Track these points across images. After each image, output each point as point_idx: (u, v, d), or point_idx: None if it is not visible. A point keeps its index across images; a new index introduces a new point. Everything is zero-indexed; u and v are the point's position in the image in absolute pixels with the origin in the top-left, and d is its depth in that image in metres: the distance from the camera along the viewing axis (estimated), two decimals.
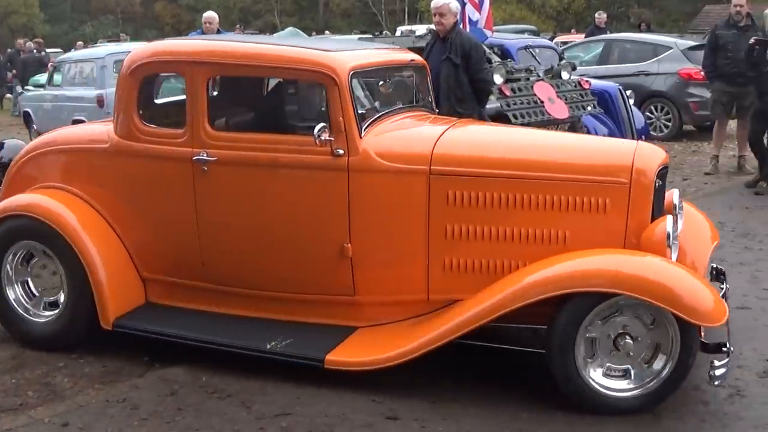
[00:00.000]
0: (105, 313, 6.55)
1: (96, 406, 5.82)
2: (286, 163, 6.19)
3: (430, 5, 9.86)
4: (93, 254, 6.56)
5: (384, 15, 62.74)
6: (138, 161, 6.61)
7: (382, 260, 6.21)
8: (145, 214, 6.71)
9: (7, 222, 6.85)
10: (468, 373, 6.10)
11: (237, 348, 6.20)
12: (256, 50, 6.60)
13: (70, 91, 18.27)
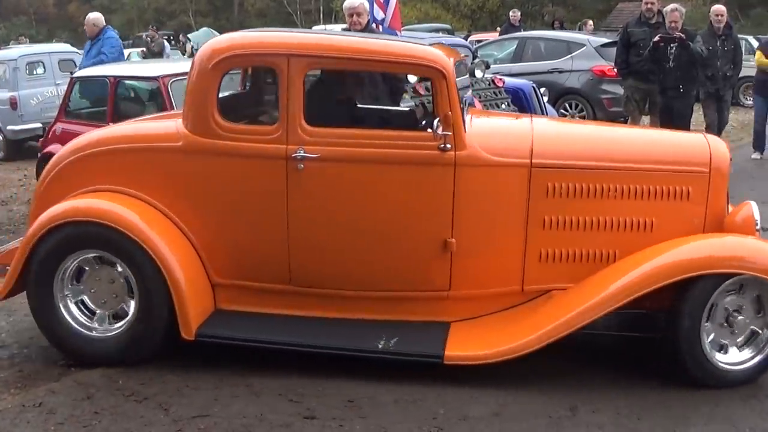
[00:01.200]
0: (187, 323, 6.18)
1: (12, 411, 5.77)
2: (390, 159, 6.09)
3: (343, 5, 9.84)
4: (172, 262, 6.17)
5: (299, 14, 62.60)
6: (218, 160, 6.29)
7: (482, 253, 6.24)
8: (224, 216, 6.39)
9: (65, 229, 6.29)
10: (382, 371, 6.11)
11: (346, 351, 6.10)
12: (361, 44, 6.50)
13: None
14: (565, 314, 5.90)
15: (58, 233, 6.26)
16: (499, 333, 6.08)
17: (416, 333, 6.19)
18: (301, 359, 6.21)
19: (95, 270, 6.41)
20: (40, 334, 7.03)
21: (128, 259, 6.23)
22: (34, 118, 16.89)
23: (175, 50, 31.77)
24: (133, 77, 11.48)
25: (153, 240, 6.16)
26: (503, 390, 5.87)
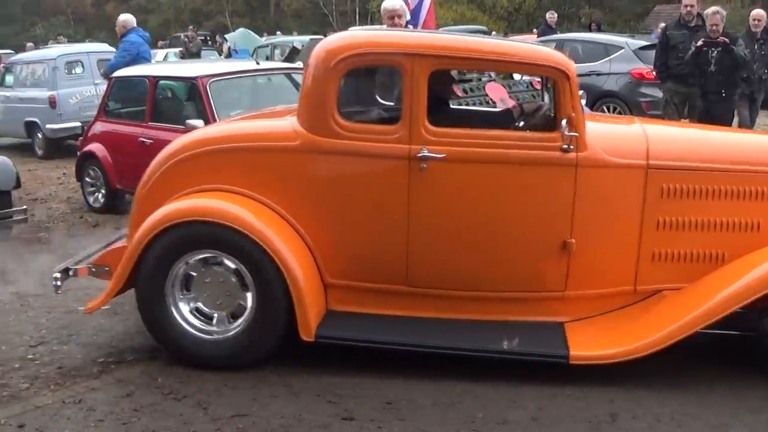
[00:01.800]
0: (307, 324, 6.08)
1: (52, 407, 5.80)
2: (514, 160, 6.06)
3: (382, 7, 9.82)
4: (292, 263, 6.09)
5: (335, 16, 62.71)
6: (337, 159, 6.22)
7: (598, 254, 6.25)
8: (341, 216, 6.30)
9: (180, 229, 6.21)
10: (421, 373, 6.12)
11: (469, 351, 6.06)
12: (487, 44, 6.50)
13: (22, 92, 18.19)
14: (685, 315, 5.92)
15: (173, 233, 6.21)
16: (616, 333, 6.10)
17: (533, 333, 6.18)
18: (340, 360, 6.24)
19: (202, 273, 6.34)
20: (79, 331, 7.16)
21: (246, 259, 6.15)
22: (73, 117, 16.98)
23: (211, 50, 31.89)
24: (172, 77, 11.54)
25: (272, 240, 6.09)
26: (542, 394, 5.84)
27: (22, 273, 8.99)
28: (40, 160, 17.33)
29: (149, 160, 10.66)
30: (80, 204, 12.60)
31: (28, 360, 6.67)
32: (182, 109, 11.06)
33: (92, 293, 7.90)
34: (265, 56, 23.48)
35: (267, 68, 11.76)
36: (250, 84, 11.22)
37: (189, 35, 30.03)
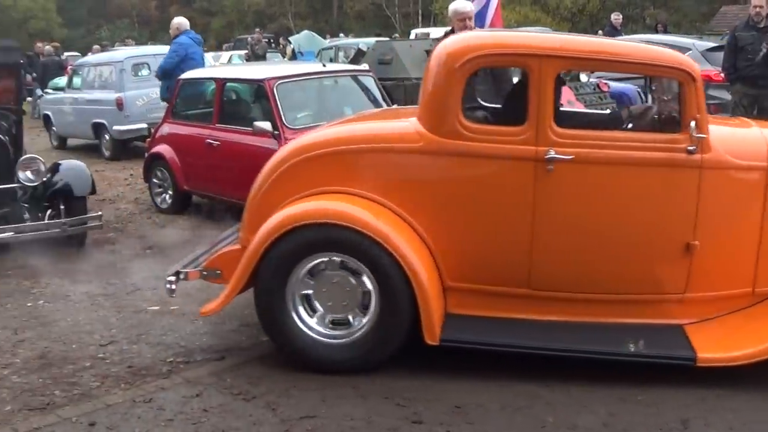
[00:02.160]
0: (432, 327, 6.01)
1: (123, 406, 5.85)
2: (641, 162, 6.05)
3: (452, 9, 9.79)
4: (417, 266, 6.03)
5: (398, 18, 62.72)
6: (461, 161, 6.16)
7: (720, 256, 6.22)
8: (464, 218, 6.23)
9: (302, 231, 6.16)
10: (489, 377, 6.10)
11: (592, 353, 6.02)
12: (614, 46, 6.52)
13: (89, 94, 18.39)
14: None
15: (295, 236, 6.17)
16: (739, 335, 6.07)
17: (656, 335, 6.14)
18: (407, 362, 6.22)
19: (323, 276, 6.31)
20: (148, 331, 7.23)
21: (371, 262, 6.11)
22: (140, 118, 17.09)
23: (275, 53, 32.01)
24: (240, 79, 11.61)
25: (398, 243, 6.05)
26: (613, 399, 5.79)
27: (92, 272, 9.10)
28: (107, 161, 17.51)
29: (216, 161, 10.85)
30: (148, 205, 12.72)
31: (99, 359, 6.74)
32: (249, 111, 11.14)
33: (156, 297, 8.03)
34: (329, 58, 23.50)
35: (333, 70, 11.80)
36: (316, 86, 11.24)
37: (255, 38, 30.17)
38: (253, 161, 10.16)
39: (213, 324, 7.36)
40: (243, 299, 7.65)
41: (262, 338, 6.92)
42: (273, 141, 9.97)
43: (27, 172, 9.87)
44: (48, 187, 10.10)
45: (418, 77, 12.34)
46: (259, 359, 6.54)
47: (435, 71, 6.26)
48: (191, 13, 76.07)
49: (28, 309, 8.02)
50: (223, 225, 10.96)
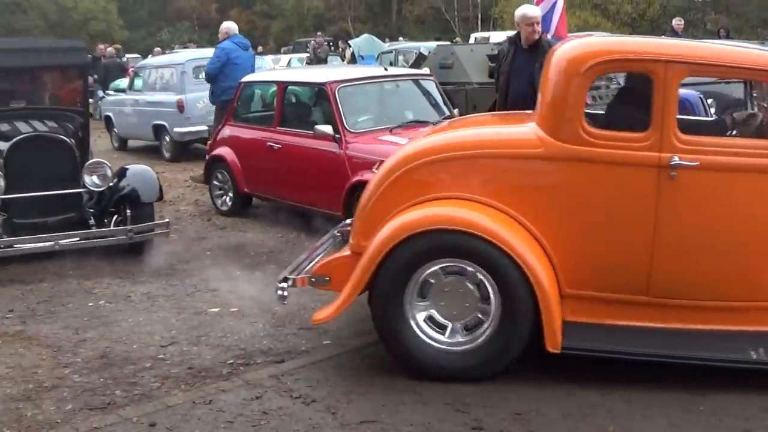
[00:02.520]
0: (554, 335, 5.93)
1: (183, 407, 5.87)
2: (763, 168, 5.98)
3: (520, 14, 9.72)
4: (540, 273, 5.95)
5: (457, 22, 62.65)
6: (583, 167, 6.09)
7: None
8: (584, 224, 6.16)
9: (422, 238, 6.08)
10: (551, 384, 6.04)
11: (713, 361, 5.93)
12: (741, 54, 6.38)
13: (150, 96, 18.53)
14: None
15: (414, 243, 6.08)
16: None
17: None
18: None
19: (440, 282, 6.22)
20: (208, 332, 7.26)
21: (492, 268, 6.03)
22: (200, 120, 17.15)
23: (334, 56, 32.09)
24: (301, 83, 11.64)
25: (520, 249, 5.96)
26: (675, 408, 5.70)
27: (152, 273, 9.16)
28: (168, 163, 17.61)
29: (277, 164, 10.86)
30: (208, 206, 12.77)
31: (159, 359, 6.78)
32: (311, 114, 11.16)
33: (216, 298, 8.04)
34: (388, 62, 23.51)
35: (395, 74, 11.76)
36: (377, 90, 11.22)
37: (317, 41, 30.25)
38: (314, 164, 10.23)
39: (273, 327, 7.38)
40: (301, 301, 7.70)
41: (321, 342, 6.95)
42: (334, 144, 9.99)
43: (93, 177, 9.82)
44: (114, 193, 10.01)
45: (479, 81, 12.36)
46: (319, 363, 6.53)
47: (555, 77, 6.21)
48: (251, 16, 76.84)
49: (89, 309, 8.09)
50: (282, 227, 11.03)
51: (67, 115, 10.82)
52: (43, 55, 10.95)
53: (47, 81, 11.39)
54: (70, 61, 10.99)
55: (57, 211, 9.74)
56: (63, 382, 6.40)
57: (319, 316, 6.40)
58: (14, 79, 11.35)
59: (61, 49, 11.33)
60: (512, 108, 9.43)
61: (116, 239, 9.54)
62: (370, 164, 9.55)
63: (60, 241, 9.18)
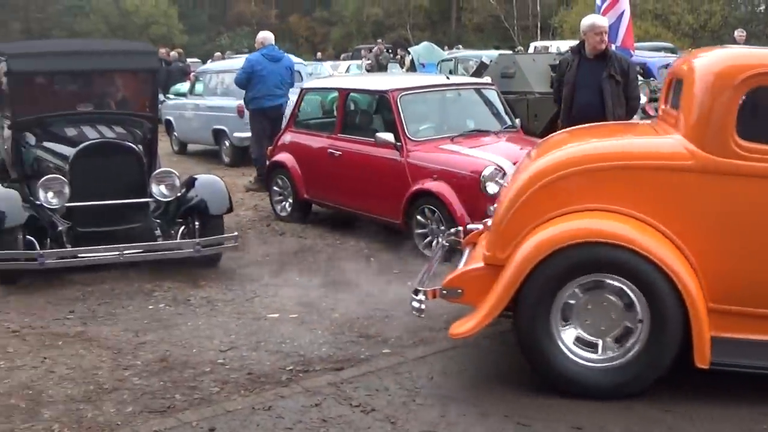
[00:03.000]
0: (703, 350, 5.80)
1: (242, 412, 5.87)
2: None
3: (589, 23, 9.61)
4: (691, 288, 5.81)
5: (516, 30, 62.51)
6: (736, 180, 5.93)
7: None
8: (736, 239, 5.99)
9: (569, 252, 5.95)
10: (610, 399, 5.95)
11: None
12: None
13: (211, 100, 18.60)
14: None
15: (561, 257, 5.96)
16: None
17: None
18: (530, 382, 6.15)
19: (585, 298, 6.09)
20: (267, 338, 7.29)
21: (642, 283, 5.91)
22: None
23: (393, 63, 32.10)
24: (363, 90, 11.65)
25: (672, 263, 5.84)
26: (737, 428, 5.62)
27: (212, 278, 9.20)
28: (227, 168, 17.67)
29: (337, 171, 10.87)
30: (267, 212, 12.80)
31: (219, 364, 6.79)
32: (372, 122, 11.15)
33: (275, 304, 8.04)
34: (448, 70, 23.47)
35: (457, 83, 11.74)
36: (439, 98, 11.22)
37: (378, 48, 30.29)
38: (375, 172, 10.22)
39: (331, 334, 7.37)
40: (357, 309, 7.70)
41: (381, 350, 6.93)
42: (395, 152, 9.99)
43: (161, 187, 9.62)
44: (182, 203, 9.78)
45: (540, 91, 12.30)
46: (378, 371, 6.50)
47: (704, 91, 6.08)
48: (311, 22, 77.21)
49: (149, 312, 8.14)
50: (341, 234, 11.03)
51: (136, 120, 10.70)
52: (113, 58, 10.86)
53: (116, 85, 11.30)
54: (140, 65, 10.92)
55: (122, 220, 9.53)
56: (123, 384, 6.43)
57: (456, 330, 6.21)
58: (82, 81, 11.27)
59: (132, 53, 11.28)
60: (578, 119, 9.33)
61: (183, 252, 9.24)
62: (431, 173, 9.55)
63: (125, 252, 8.96)
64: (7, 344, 7.28)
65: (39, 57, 10.56)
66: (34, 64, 10.43)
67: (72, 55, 10.71)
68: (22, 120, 10.35)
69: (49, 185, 9.17)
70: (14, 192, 9.42)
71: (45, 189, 9.13)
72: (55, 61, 10.52)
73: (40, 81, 11.04)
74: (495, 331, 6.97)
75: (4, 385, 6.42)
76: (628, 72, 9.50)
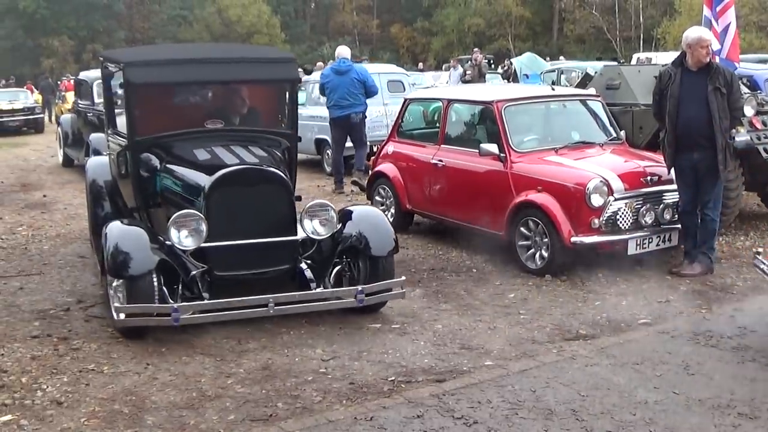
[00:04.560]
0: None
1: (344, 422, 5.86)
2: None
3: (695, 36, 9.43)
4: None
5: (619, 41, 61.97)
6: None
7: None
8: None
9: None
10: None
11: None
12: None
13: (313, 110, 18.66)
14: None
15: None
16: None
17: None
18: (641, 396, 6.04)
19: None
20: (370, 348, 7.31)
21: None
22: None
23: (494, 74, 32.05)
24: (467, 101, 11.58)
25: None
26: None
27: None
28: (329, 177, 17.73)
29: (440, 182, 10.84)
30: None
31: (321, 373, 6.80)
32: (476, 133, 11.11)
33: (377, 314, 8.03)
34: (551, 81, 23.36)
35: (562, 94, 11.66)
36: (543, 109, 11.17)
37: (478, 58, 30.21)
38: (478, 183, 10.18)
39: (434, 345, 7.34)
40: (460, 321, 7.65)
41: (483, 362, 6.88)
42: (499, 163, 9.94)
43: (314, 222, 8.15)
44: (339, 242, 8.30)
45: (646, 103, 12.10)
46: (480, 384, 6.45)
47: None
48: (412, 32, 77.34)
49: (252, 319, 7.86)
50: (443, 245, 10.99)
51: (273, 138, 9.30)
52: (251, 67, 9.34)
53: (244, 96, 9.64)
54: (281, 75, 9.48)
55: (266, 263, 7.91)
56: (225, 392, 6.48)
57: None
58: (210, 94, 9.96)
59: (271, 60, 9.90)
60: (684, 133, 9.22)
61: (344, 302, 7.87)
62: (535, 184, 9.48)
63: (275, 304, 7.50)
64: (111, 350, 7.38)
65: (162, 66, 9.01)
66: (157, 75, 8.87)
67: (201, 63, 9.16)
68: (143, 140, 8.89)
69: (182, 223, 7.62)
70: (141, 231, 7.93)
71: (178, 227, 7.60)
72: (182, 71, 8.98)
73: (161, 93, 9.52)
74: (594, 346, 6.92)
75: (108, 391, 6.51)
76: (732, 83, 9.33)
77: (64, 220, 13.72)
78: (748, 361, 6.84)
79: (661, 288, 9.00)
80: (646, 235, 9.45)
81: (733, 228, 11.65)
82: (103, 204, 9.88)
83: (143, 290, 7.45)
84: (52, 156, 23.59)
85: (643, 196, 9.48)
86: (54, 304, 8.72)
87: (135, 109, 8.80)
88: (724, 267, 9.76)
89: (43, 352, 7.30)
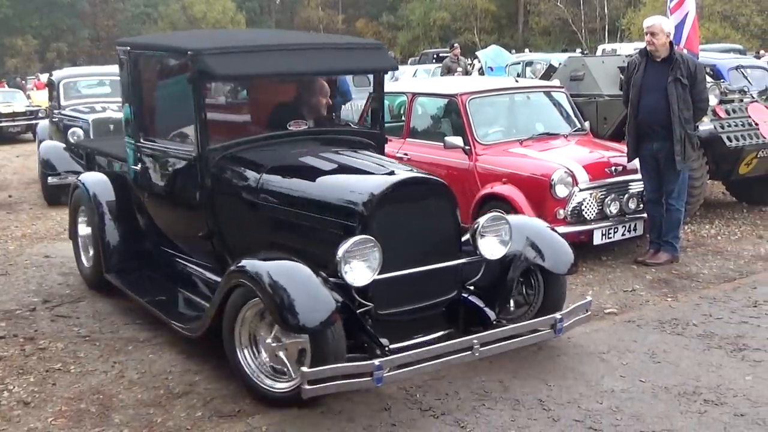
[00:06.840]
0: None
1: (312, 417, 5.86)
2: None
3: (659, 26, 9.49)
4: None
5: (584, 33, 62.17)
6: None
7: None
8: None
9: None
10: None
11: None
12: None
13: None
14: None
15: None
16: None
17: None
18: (604, 386, 6.09)
19: None
20: None
21: None
22: None
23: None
24: (431, 94, 11.62)
25: None
26: None
27: None
28: None
29: None
30: None
31: None
32: (440, 126, 11.12)
33: None
34: (516, 73, 23.40)
35: (526, 86, 11.70)
36: (508, 101, 11.18)
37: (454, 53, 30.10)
38: (444, 176, 10.17)
39: None
40: None
41: None
42: (464, 156, 9.96)
43: (492, 239, 6.64)
44: (515, 263, 6.80)
45: (610, 94, 12.18)
46: (448, 376, 6.45)
47: None
48: (378, 27, 77.30)
49: None
50: None
51: (358, 141, 7.97)
52: (346, 56, 7.92)
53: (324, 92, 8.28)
54: (377, 64, 8.05)
55: (428, 295, 6.45)
56: (193, 388, 6.46)
57: None
58: (296, 88, 8.33)
59: (364, 48, 8.26)
60: (644, 122, 9.31)
61: (539, 336, 6.51)
62: (500, 176, 9.52)
63: (479, 345, 6.01)
64: (77, 349, 7.35)
65: (245, 54, 7.26)
66: (240, 65, 7.16)
67: (290, 51, 7.49)
68: (219, 148, 7.23)
69: (356, 253, 5.88)
70: (303, 266, 5.95)
71: (347, 260, 5.87)
72: (267, 60, 7.33)
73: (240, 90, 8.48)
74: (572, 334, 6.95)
75: (75, 390, 6.49)
76: (696, 74, 9.36)
77: (29, 220, 13.63)
78: (714, 348, 6.91)
79: (626, 277, 9.07)
80: (611, 225, 9.52)
81: (698, 216, 11.76)
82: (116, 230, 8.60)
83: (331, 345, 5.76)
84: (17, 156, 23.45)
85: (608, 186, 9.55)
86: (20, 305, 8.67)
87: (208, 110, 7.25)
88: (689, 255, 9.85)
89: (9, 353, 7.26)
